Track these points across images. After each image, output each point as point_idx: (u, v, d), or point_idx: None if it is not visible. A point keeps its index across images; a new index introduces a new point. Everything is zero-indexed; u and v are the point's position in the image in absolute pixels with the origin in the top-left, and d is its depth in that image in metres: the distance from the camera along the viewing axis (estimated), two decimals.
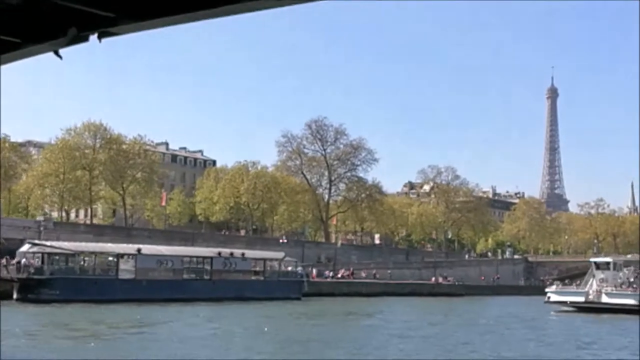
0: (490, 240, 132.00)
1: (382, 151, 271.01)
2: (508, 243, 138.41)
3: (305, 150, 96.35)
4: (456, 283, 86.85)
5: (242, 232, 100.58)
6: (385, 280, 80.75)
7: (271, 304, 52.56)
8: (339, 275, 76.64)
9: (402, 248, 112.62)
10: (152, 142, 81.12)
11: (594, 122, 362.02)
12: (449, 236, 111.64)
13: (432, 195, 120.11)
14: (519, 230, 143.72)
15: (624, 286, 55.87)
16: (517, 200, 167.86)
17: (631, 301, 52.81)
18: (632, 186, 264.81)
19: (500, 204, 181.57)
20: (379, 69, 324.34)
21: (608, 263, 58.97)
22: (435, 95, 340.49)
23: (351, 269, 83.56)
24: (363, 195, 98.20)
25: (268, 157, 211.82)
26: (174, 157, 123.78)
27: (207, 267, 55.81)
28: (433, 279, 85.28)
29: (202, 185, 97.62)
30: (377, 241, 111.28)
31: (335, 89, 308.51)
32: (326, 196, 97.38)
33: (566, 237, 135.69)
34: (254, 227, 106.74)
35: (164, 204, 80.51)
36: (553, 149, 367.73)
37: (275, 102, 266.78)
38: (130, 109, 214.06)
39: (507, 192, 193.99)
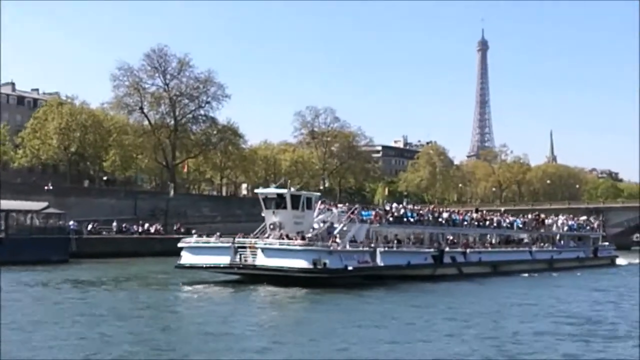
0: (382, 190, 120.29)
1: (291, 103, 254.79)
2: (405, 193, 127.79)
3: (146, 85, 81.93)
4: None
5: (86, 183, 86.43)
6: None
7: (10, 271, 38.89)
8: (152, 231, 63.27)
9: None
10: None
11: (523, 74, 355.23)
12: (326, 185, 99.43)
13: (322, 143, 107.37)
14: (421, 180, 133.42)
15: (300, 237, 33.78)
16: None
17: (299, 263, 32.13)
18: (550, 135, 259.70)
19: (410, 153, 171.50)
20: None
21: (282, 197, 35.81)
22: (362, 44, 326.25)
23: (179, 223, 70.37)
24: (215, 138, 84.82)
25: None
26: (20, 99, 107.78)
27: None
28: None
29: None
30: (244, 192, 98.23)
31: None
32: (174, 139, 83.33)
33: (461, 185, 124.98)
34: (105, 177, 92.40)
35: None
36: (483, 102, 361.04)
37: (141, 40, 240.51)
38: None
39: (419, 141, 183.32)
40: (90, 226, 60.17)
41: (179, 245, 36.64)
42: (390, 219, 39.97)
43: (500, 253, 45.88)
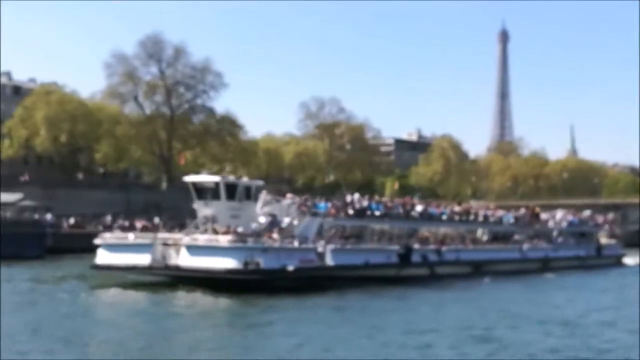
0: (391, 184, 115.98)
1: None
2: (417, 187, 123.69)
3: (140, 74, 78.96)
4: None
5: (81, 175, 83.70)
6: None
7: None
8: (139, 226, 59.74)
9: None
10: None
11: (545, 67, 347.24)
12: (332, 178, 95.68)
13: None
14: (434, 174, 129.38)
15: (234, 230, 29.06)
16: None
17: (228, 263, 27.87)
18: (571, 129, 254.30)
19: (424, 146, 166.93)
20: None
21: (216, 185, 31.48)
22: (375, 33, 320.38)
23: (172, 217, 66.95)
24: (213, 128, 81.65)
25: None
26: (16, 89, 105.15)
27: None
28: None
29: None
30: None
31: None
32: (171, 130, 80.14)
33: (474, 179, 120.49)
34: (102, 169, 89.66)
35: None
36: (504, 95, 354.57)
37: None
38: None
39: (434, 134, 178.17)
40: (72, 220, 57.26)
41: (95, 241, 32.20)
42: (351, 212, 35.12)
43: (483, 251, 40.54)
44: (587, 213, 56.02)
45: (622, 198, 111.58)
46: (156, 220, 62.44)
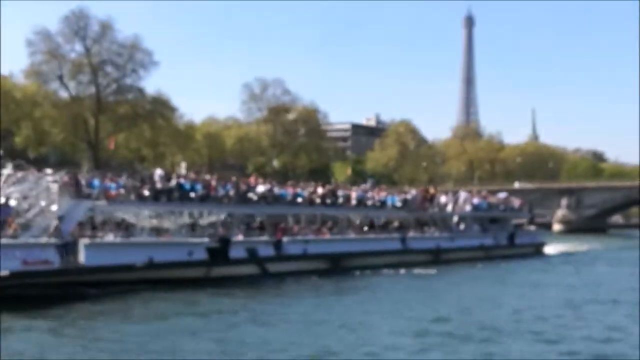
0: (343, 169, 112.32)
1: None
2: (371, 173, 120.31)
3: (65, 52, 73.79)
4: None
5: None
6: None
7: None
8: None
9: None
10: None
11: (511, 52, 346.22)
12: (275, 164, 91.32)
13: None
14: (389, 160, 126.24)
15: None
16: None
17: None
18: (532, 113, 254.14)
19: (382, 132, 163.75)
20: None
21: None
22: (333, 16, 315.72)
23: None
24: (143, 110, 76.91)
25: None
26: None
27: None
28: None
29: None
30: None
31: None
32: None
33: (425, 164, 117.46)
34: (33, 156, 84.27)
35: None
36: (469, 80, 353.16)
37: None
38: None
39: (393, 119, 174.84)
40: None
41: None
42: (147, 193, 26.45)
43: (345, 242, 32.80)
44: (502, 195, 49.07)
45: (579, 182, 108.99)
46: None
